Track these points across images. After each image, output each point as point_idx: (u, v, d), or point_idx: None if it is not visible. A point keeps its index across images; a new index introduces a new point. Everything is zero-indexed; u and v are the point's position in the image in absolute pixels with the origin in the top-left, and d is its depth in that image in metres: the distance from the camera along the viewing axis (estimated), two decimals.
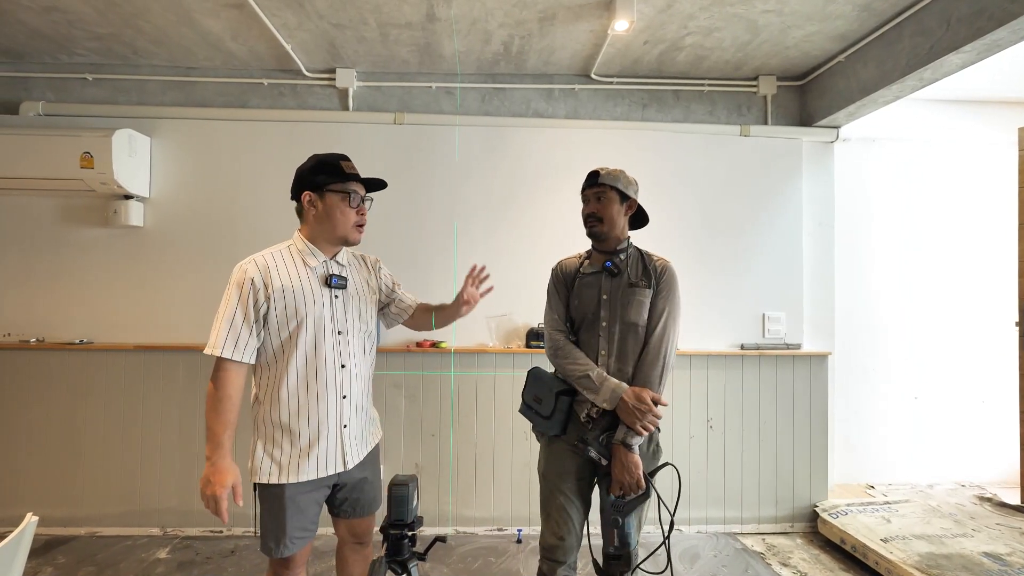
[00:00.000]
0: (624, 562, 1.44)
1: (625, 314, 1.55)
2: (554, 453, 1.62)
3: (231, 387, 1.36)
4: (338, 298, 1.46)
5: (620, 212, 1.62)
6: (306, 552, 1.48)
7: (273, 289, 1.38)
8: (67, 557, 2.50)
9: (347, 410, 1.47)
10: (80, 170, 2.57)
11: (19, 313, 2.80)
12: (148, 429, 2.78)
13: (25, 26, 2.53)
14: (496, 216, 2.93)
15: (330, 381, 1.43)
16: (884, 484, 3.19)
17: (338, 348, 1.44)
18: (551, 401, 1.57)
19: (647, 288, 1.57)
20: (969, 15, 2.05)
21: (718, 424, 2.91)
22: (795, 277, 3.00)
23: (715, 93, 3.07)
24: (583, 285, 1.64)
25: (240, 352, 1.37)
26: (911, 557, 2.30)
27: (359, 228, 1.48)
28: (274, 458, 1.40)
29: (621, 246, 1.63)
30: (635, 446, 1.47)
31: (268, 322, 1.39)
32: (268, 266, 1.40)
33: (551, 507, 1.59)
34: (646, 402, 1.46)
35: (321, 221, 1.45)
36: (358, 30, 2.55)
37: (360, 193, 1.48)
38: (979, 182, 3.32)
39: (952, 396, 3.28)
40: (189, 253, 2.85)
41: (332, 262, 1.49)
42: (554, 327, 1.65)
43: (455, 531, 2.80)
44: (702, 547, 2.70)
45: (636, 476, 1.45)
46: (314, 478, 1.42)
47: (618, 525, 1.45)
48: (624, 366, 1.56)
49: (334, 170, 1.44)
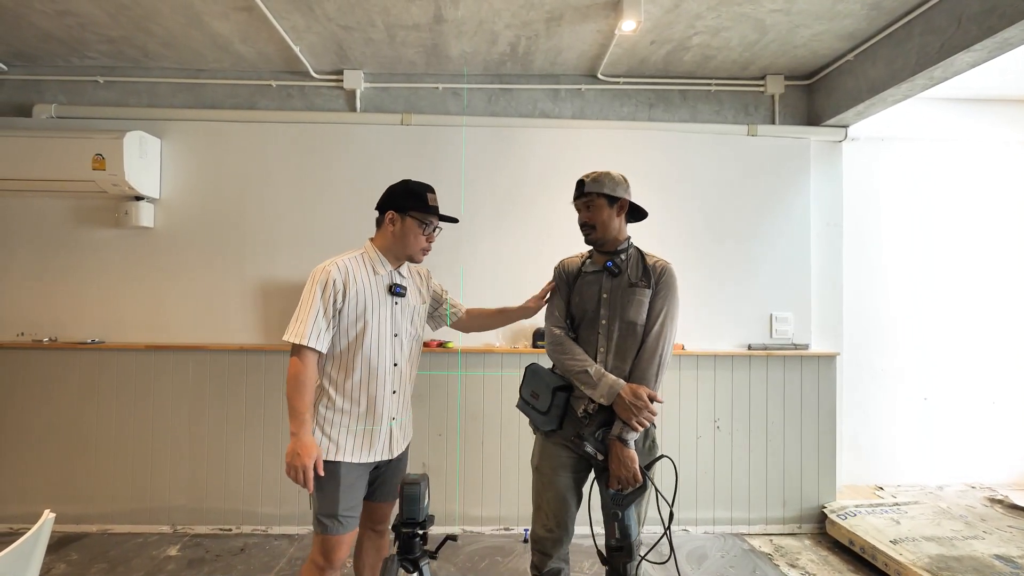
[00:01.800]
0: (626, 553, 1.49)
1: (624, 313, 1.59)
2: (549, 448, 1.66)
3: (311, 371, 1.54)
4: (397, 304, 1.65)
5: (612, 215, 1.64)
6: (350, 544, 1.60)
7: (349, 291, 1.57)
8: (80, 554, 2.53)
9: (396, 404, 1.65)
10: (92, 172, 2.60)
11: (32, 313, 2.84)
12: (158, 428, 2.81)
13: (38, 30, 2.57)
14: (502, 216, 2.94)
15: (385, 377, 1.61)
16: (893, 485, 3.17)
17: (393, 349, 1.63)
18: (548, 397, 1.61)
19: (646, 288, 1.60)
20: (980, 13, 2.04)
21: (725, 424, 2.90)
22: (803, 277, 2.98)
23: (722, 93, 3.06)
24: (584, 284, 1.68)
25: (319, 342, 1.55)
26: (921, 559, 2.28)
27: (424, 252, 1.68)
28: (331, 438, 1.57)
29: (621, 247, 1.66)
30: (631, 441, 1.51)
31: (341, 319, 1.57)
32: (348, 270, 1.59)
33: (542, 500, 1.65)
34: (642, 398, 1.49)
35: (397, 238, 1.64)
36: (366, 32, 2.57)
37: (435, 223, 1.66)
38: (990, 181, 3.29)
39: (962, 397, 3.25)
40: (199, 254, 2.87)
41: (396, 272, 1.68)
42: (555, 323, 1.70)
43: (462, 530, 2.81)
44: (709, 547, 2.70)
45: (632, 470, 1.49)
46: (366, 461, 1.60)
47: (618, 518, 1.50)
48: (622, 363, 1.59)
49: (419, 200, 1.63)
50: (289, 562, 2.48)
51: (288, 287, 2.87)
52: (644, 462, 1.56)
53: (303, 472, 1.47)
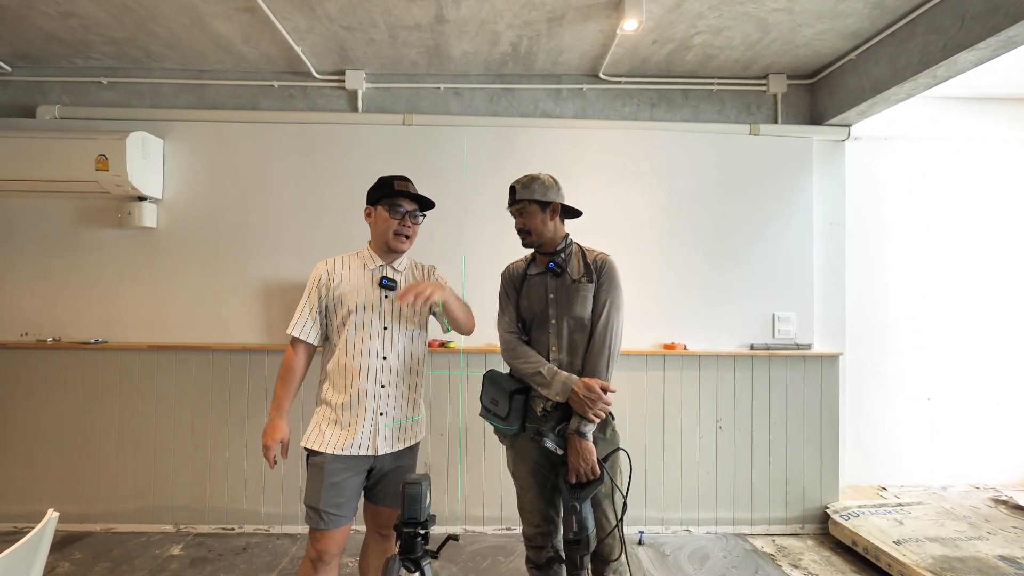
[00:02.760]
0: (583, 546, 1.51)
1: (571, 310, 1.63)
2: (518, 451, 1.70)
3: (296, 359, 1.66)
4: (387, 298, 1.66)
5: (545, 219, 1.68)
6: (339, 541, 1.60)
7: (333, 283, 1.66)
8: (83, 553, 2.54)
9: (386, 400, 1.65)
10: (95, 172, 2.61)
11: (36, 313, 2.85)
12: (161, 427, 2.82)
13: (43, 31, 2.58)
14: (504, 216, 2.92)
15: (371, 370, 1.63)
16: (896, 486, 3.15)
17: (382, 342, 1.64)
18: (506, 402, 1.64)
19: (589, 283, 1.64)
20: (983, 11, 2.03)
21: (728, 424, 2.89)
22: (805, 277, 2.98)
23: (724, 92, 3.05)
24: (531, 286, 1.72)
25: (305, 333, 1.66)
26: (924, 560, 2.27)
27: (398, 237, 1.67)
28: (320, 429, 1.63)
29: (560, 246, 1.70)
30: (588, 434, 1.54)
31: (327, 310, 1.67)
32: (335, 265, 1.69)
33: (524, 502, 1.71)
34: (595, 391, 1.53)
35: (375, 230, 1.70)
36: (367, 32, 2.57)
37: (403, 206, 1.67)
38: (994, 181, 3.27)
39: (966, 397, 3.24)
40: (201, 254, 2.88)
41: (388, 267, 1.71)
42: (507, 328, 1.73)
43: (464, 530, 2.81)
44: (711, 548, 2.69)
45: (591, 462, 1.53)
46: (347, 455, 1.60)
47: (576, 511, 1.52)
48: (574, 359, 1.63)
49: (386, 187, 1.67)
50: (291, 561, 2.49)
51: (290, 287, 2.87)
52: (604, 453, 1.59)
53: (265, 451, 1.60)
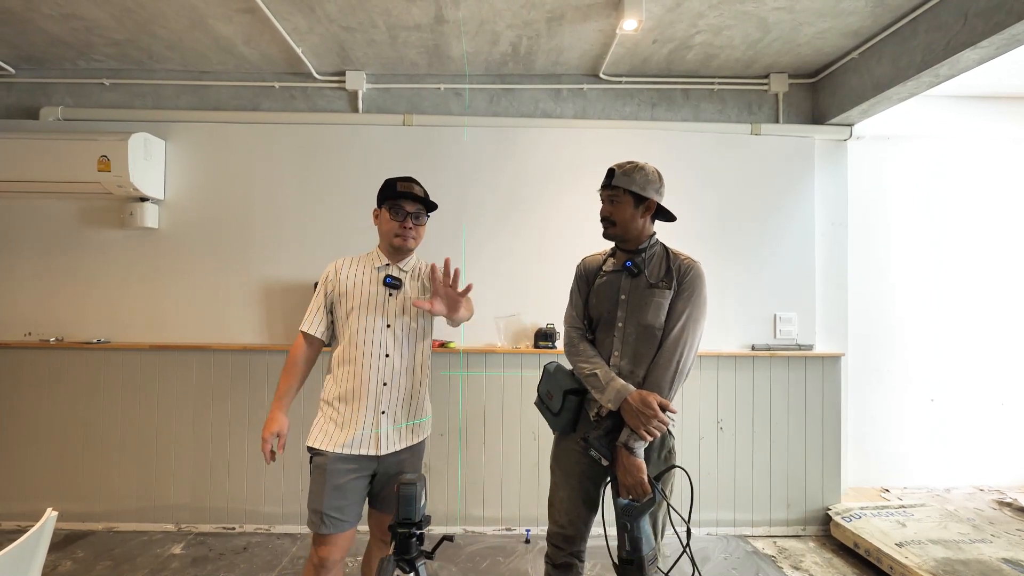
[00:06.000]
0: (637, 567, 1.40)
1: (641, 316, 1.50)
2: (563, 449, 1.64)
3: (300, 353, 1.69)
4: (392, 296, 1.67)
5: (635, 216, 1.53)
6: (342, 547, 1.58)
7: (339, 281, 1.69)
8: (85, 551, 2.55)
9: (389, 398, 1.64)
10: (97, 173, 2.63)
11: (38, 313, 2.87)
12: (163, 427, 2.83)
13: (45, 33, 2.60)
14: (504, 216, 2.94)
15: (373, 366, 1.63)
16: (899, 488, 3.13)
17: (384, 339, 1.64)
18: (559, 398, 1.58)
19: (667, 289, 1.50)
20: (987, 9, 2.01)
21: (729, 425, 2.88)
22: (807, 277, 2.96)
23: (725, 91, 3.04)
24: (602, 283, 1.60)
25: (313, 328, 1.68)
26: (927, 562, 2.25)
27: (399, 237, 1.67)
28: (322, 427, 1.64)
29: (643, 245, 1.57)
30: (637, 449, 1.43)
31: (333, 306, 1.70)
32: (343, 264, 1.72)
33: (555, 499, 1.64)
34: (652, 407, 1.40)
35: (380, 231, 1.73)
36: (368, 33, 2.57)
37: (404, 207, 1.67)
38: (997, 179, 3.24)
39: (970, 398, 3.21)
40: (203, 254, 2.89)
41: (394, 267, 1.72)
42: (571, 323, 1.64)
43: (464, 531, 2.81)
44: (713, 549, 2.68)
45: (638, 479, 1.42)
46: (348, 453, 1.59)
47: (627, 529, 1.41)
48: (636, 368, 1.51)
49: (389, 189, 1.69)
50: (291, 561, 2.50)
51: (291, 287, 2.88)
52: (656, 472, 1.48)
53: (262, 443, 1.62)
